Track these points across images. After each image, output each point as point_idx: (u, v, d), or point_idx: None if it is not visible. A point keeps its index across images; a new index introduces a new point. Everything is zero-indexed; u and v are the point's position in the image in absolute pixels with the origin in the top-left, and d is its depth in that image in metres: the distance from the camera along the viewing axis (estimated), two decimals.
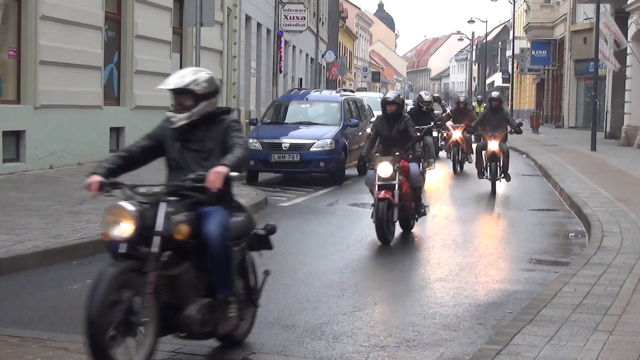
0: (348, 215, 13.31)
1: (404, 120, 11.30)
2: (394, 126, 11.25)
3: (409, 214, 11.32)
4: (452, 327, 6.78)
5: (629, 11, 29.35)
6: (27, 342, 5.95)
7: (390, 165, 10.71)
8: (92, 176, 5.71)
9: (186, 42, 23.76)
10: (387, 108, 11.38)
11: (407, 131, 11.18)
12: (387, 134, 11.32)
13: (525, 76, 64.37)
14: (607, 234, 10.65)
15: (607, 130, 34.80)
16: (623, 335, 6.12)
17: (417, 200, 11.46)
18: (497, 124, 16.51)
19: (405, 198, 10.87)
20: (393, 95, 11.55)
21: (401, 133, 11.20)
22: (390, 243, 10.75)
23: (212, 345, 6.08)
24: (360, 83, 78.94)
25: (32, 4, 16.16)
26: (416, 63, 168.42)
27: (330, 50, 54.78)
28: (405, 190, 10.86)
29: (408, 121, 11.34)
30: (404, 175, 10.95)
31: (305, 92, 22.15)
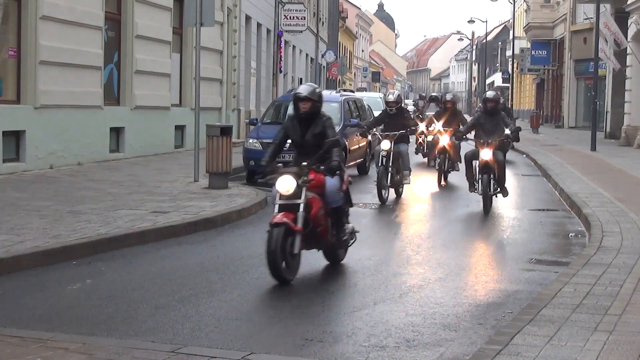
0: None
1: (321, 121, 8.92)
2: (308, 129, 8.94)
3: (326, 243, 8.97)
4: (452, 327, 6.78)
5: (629, 11, 29.35)
6: (27, 342, 5.94)
7: (293, 179, 8.47)
8: None
9: (186, 42, 23.78)
10: (299, 106, 8.96)
11: (324, 135, 8.84)
12: (299, 138, 9.03)
13: (525, 76, 64.36)
14: (607, 234, 10.65)
15: (607, 130, 34.81)
16: (623, 335, 6.12)
17: (338, 224, 9.05)
18: (493, 129, 14.12)
19: (317, 222, 8.59)
20: (306, 90, 8.99)
21: (317, 137, 8.86)
22: (390, 243, 10.73)
23: (212, 345, 6.08)
24: (360, 83, 78.98)
25: (32, 4, 16.17)
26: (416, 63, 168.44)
27: (330, 50, 54.79)
28: (316, 212, 8.56)
29: (327, 122, 8.94)
30: (317, 191, 8.68)
31: None
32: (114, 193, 13.55)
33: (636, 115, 29.78)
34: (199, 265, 9.09)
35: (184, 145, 23.42)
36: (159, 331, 6.45)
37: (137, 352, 5.79)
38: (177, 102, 23.75)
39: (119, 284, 8.09)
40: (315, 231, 8.63)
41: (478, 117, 14.84)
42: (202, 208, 12.30)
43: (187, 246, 10.27)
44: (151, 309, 7.11)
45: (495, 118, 14.32)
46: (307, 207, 8.45)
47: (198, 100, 15.96)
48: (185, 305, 7.23)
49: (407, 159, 15.53)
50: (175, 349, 5.84)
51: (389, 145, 14.97)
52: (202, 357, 5.69)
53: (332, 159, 8.69)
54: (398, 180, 15.29)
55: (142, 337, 6.26)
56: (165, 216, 11.36)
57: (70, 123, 17.52)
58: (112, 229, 10.19)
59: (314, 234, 8.65)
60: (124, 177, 15.99)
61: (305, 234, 8.43)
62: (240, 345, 6.14)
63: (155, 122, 21.61)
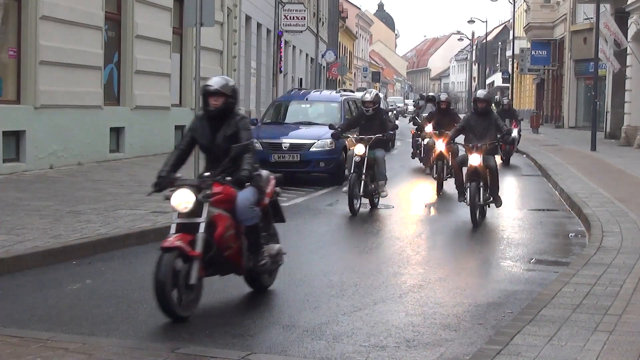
0: (348, 215, 13.29)
1: (234, 120, 7.41)
2: (219, 131, 7.40)
3: (240, 269, 7.49)
4: (452, 327, 6.78)
5: (629, 11, 29.35)
6: (27, 342, 5.94)
7: (190, 193, 6.96)
8: None
9: (186, 42, 23.78)
10: (209, 102, 7.41)
11: (237, 138, 7.35)
12: (208, 142, 7.49)
13: (525, 76, 64.34)
14: (607, 234, 10.65)
15: (607, 130, 34.81)
16: (623, 335, 6.12)
17: (254, 246, 7.50)
18: (484, 132, 12.88)
19: (223, 244, 7.08)
20: (217, 83, 7.43)
21: (230, 141, 7.36)
22: (390, 243, 10.73)
23: (212, 345, 6.09)
24: (360, 83, 78.98)
25: (32, 4, 16.16)
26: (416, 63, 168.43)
27: (330, 50, 54.79)
28: (221, 233, 7.05)
29: (241, 122, 7.41)
30: (225, 207, 7.14)
31: (305, 92, 22.15)
32: (114, 193, 13.55)
33: (636, 115, 29.77)
34: None
35: None
36: (159, 331, 6.44)
37: (137, 352, 5.79)
38: (177, 102, 23.75)
39: (119, 284, 8.09)
40: (221, 255, 7.14)
41: (468, 118, 13.33)
42: None
43: None
44: (151, 309, 7.10)
45: (487, 120, 13.01)
46: (211, 227, 6.98)
47: (198, 100, 15.93)
48: None
49: (384, 167, 13.98)
50: (175, 349, 5.84)
51: (363, 150, 13.45)
52: (202, 357, 5.69)
53: (242, 168, 7.21)
54: (372, 189, 13.86)
55: (142, 337, 6.26)
56: (165, 216, 11.35)
57: (70, 123, 17.51)
58: (112, 229, 10.19)
59: (221, 259, 7.18)
60: (124, 177, 15.99)
61: (210, 258, 7.02)
62: (240, 345, 6.14)
63: (155, 122, 21.60)
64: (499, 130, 12.96)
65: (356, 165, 13.41)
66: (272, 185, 7.87)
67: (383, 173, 13.92)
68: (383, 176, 13.92)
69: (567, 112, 48.36)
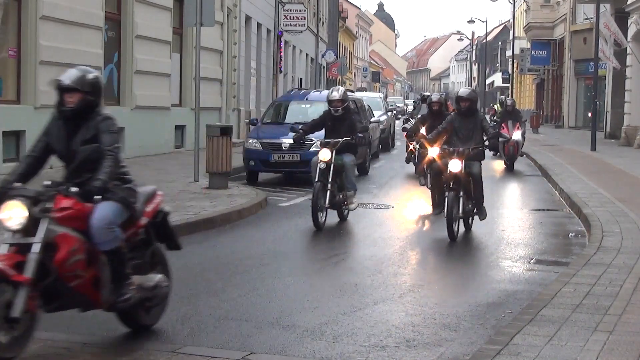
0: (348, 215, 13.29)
1: (95, 122, 6.05)
2: (76, 134, 6.09)
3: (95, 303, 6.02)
4: (452, 327, 6.78)
5: (629, 11, 29.36)
6: None
7: (22, 207, 5.63)
8: None
9: (186, 42, 23.78)
10: (64, 99, 6.07)
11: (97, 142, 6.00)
12: (63, 148, 6.26)
13: (525, 76, 64.35)
14: (607, 234, 10.65)
15: (607, 130, 34.81)
16: (623, 335, 6.12)
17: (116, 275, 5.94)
18: (469, 135, 11.51)
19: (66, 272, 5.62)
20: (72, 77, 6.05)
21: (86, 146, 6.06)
22: (390, 243, 10.72)
23: (212, 345, 6.09)
24: (360, 83, 78.99)
25: (32, 4, 16.17)
26: (416, 63, 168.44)
27: (330, 50, 54.79)
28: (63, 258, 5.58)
29: (103, 124, 6.03)
30: (75, 226, 5.75)
31: (305, 92, 22.14)
32: None
33: (636, 115, 29.78)
34: (199, 265, 9.08)
35: (184, 145, 23.42)
36: (159, 331, 6.44)
37: (137, 352, 5.79)
38: (177, 102, 23.75)
39: None
40: (65, 286, 5.69)
41: (451, 120, 11.80)
42: (202, 208, 12.30)
43: (187, 246, 10.23)
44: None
45: (472, 121, 11.60)
46: (51, 249, 5.56)
47: (198, 100, 15.97)
48: (185, 305, 7.23)
49: (353, 175, 12.55)
50: (175, 349, 5.84)
51: (328, 156, 11.92)
52: (202, 357, 5.69)
53: (97, 178, 5.83)
54: (340, 200, 12.28)
55: (142, 337, 6.26)
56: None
57: None
58: None
59: (65, 290, 5.74)
60: None
61: (49, 289, 5.64)
62: (240, 345, 6.15)
63: (155, 122, 21.60)
64: (485, 132, 11.63)
65: (321, 173, 11.93)
66: (155, 203, 6.44)
67: (352, 182, 12.41)
68: (352, 185, 12.39)
69: (567, 112, 48.37)
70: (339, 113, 12.36)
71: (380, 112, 29.06)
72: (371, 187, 17.25)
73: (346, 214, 12.59)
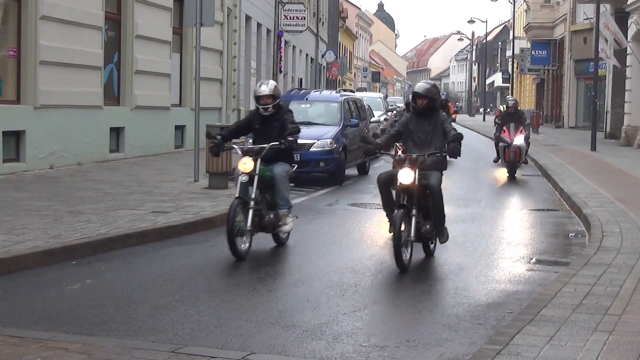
0: (348, 215, 13.30)
1: None
2: None
3: None
4: (452, 327, 6.78)
5: (629, 11, 29.37)
6: (27, 342, 5.94)
7: None
8: None
9: (186, 42, 23.78)
10: None
11: None
12: None
13: (525, 76, 64.37)
14: (607, 234, 10.65)
15: (607, 130, 34.82)
16: (623, 335, 6.12)
17: None
18: (427, 139, 9.48)
19: None
20: None
21: None
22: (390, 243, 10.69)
23: (212, 345, 6.09)
24: (360, 83, 78.99)
25: (32, 4, 16.17)
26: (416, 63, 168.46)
27: (330, 50, 54.81)
28: None
29: None
30: None
31: (305, 92, 22.14)
32: (114, 193, 13.55)
33: (636, 115, 29.79)
34: (199, 265, 9.08)
35: (184, 145, 23.42)
36: (159, 331, 6.44)
37: (137, 352, 5.79)
38: (177, 102, 23.76)
39: (119, 284, 8.09)
40: None
41: (406, 121, 9.73)
42: (202, 208, 12.30)
43: (187, 246, 10.26)
44: (151, 309, 7.11)
45: (431, 123, 9.53)
46: None
47: (198, 100, 15.97)
48: (185, 305, 7.23)
49: (286, 189, 10.08)
50: (175, 349, 5.84)
51: (251, 166, 9.62)
52: (202, 357, 5.69)
53: None
54: (271, 221, 9.92)
55: (142, 337, 6.26)
56: (165, 216, 11.36)
57: (70, 123, 17.51)
58: (112, 229, 10.19)
59: None
60: (124, 177, 15.99)
61: None
62: (240, 345, 6.14)
63: (155, 122, 21.60)
64: (445, 136, 9.46)
65: (243, 187, 9.58)
66: None
67: (285, 198, 10.03)
68: (285, 202, 10.04)
69: (567, 112, 48.38)
70: (269, 112, 10.01)
71: (380, 112, 29.09)
72: (371, 187, 17.25)
73: (285, 238, 10.37)
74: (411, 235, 9.02)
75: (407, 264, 8.92)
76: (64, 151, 17.35)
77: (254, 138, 10.23)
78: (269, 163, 9.90)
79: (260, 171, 9.71)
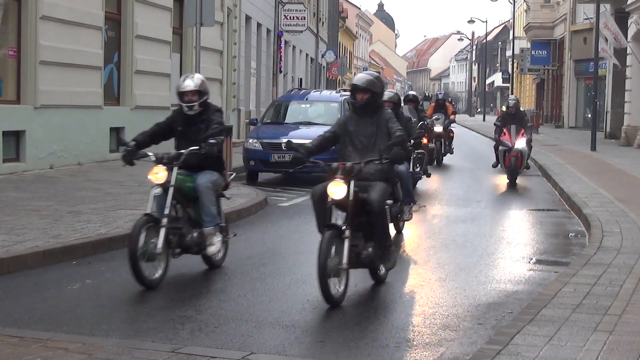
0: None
1: None
2: None
3: None
4: (452, 327, 6.78)
5: (629, 11, 29.36)
6: (27, 342, 5.94)
7: None
8: None
9: (186, 42, 23.78)
10: None
11: None
12: None
13: (525, 76, 64.38)
14: (607, 234, 10.65)
15: (607, 130, 34.82)
16: (623, 335, 6.12)
17: None
18: (369, 142, 7.93)
19: None
20: None
21: None
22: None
23: (212, 345, 6.09)
24: None
25: (32, 4, 16.16)
26: (416, 63, 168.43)
27: (330, 50, 54.80)
28: None
29: None
30: None
31: (305, 92, 22.16)
32: (114, 193, 13.55)
33: (636, 115, 29.79)
34: (199, 265, 9.08)
35: None
36: (159, 331, 6.44)
37: (137, 352, 5.79)
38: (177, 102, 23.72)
39: (119, 284, 8.09)
40: None
41: (344, 121, 8.13)
42: None
43: None
44: (151, 309, 7.11)
45: (373, 122, 7.99)
46: None
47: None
48: (185, 305, 7.23)
49: (212, 203, 8.40)
50: (175, 349, 5.83)
51: (163, 177, 8.15)
52: (202, 357, 5.68)
53: None
54: (194, 241, 8.36)
55: (142, 337, 6.26)
56: None
57: (70, 123, 17.51)
58: (112, 229, 10.18)
59: None
60: (124, 177, 15.98)
61: None
62: (240, 345, 6.14)
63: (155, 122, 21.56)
64: (390, 137, 7.87)
65: (158, 201, 8.14)
66: None
67: (212, 213, 8.37)
68: (212, 218, 8.37)
69: (567, 112, 48.38)
70: (195, 111, 8.62)
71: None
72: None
73: (219, 259, 8.82)
74: (343, 263, 7.33)
75: (338, 296, 7.26)
76: (64, 151, 17.35)
77: (176, 142, 8.74)
78: (194, 171, 8.39)
79: (179, 182, 8.20)
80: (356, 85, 8.01)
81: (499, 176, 19.65)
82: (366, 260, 7.79)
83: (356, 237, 7.62)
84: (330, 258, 7.13)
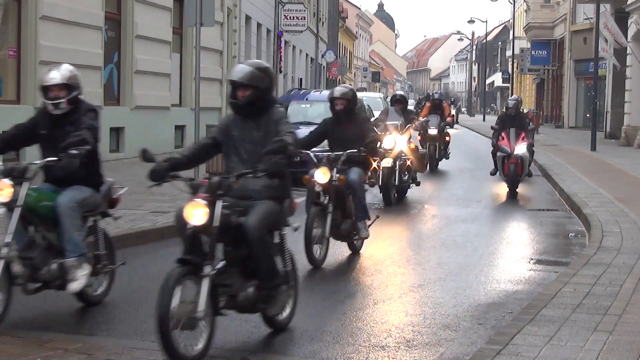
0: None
1: None
2: None
3: None
4: (452, 327, 6.78)
5: (629, 11, 29.36)
6: (27, 342, 5.94)
7: None
8: None
9: (186, 42, 23.78)
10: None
11: None
12: None
13: (525, 76, 64.35)
14: (607, 234, 10.65)
15: (607, 130, 34.80)
16: (623, 335, 6.12)
17: None
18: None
19: None
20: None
21: None
22: (390, 243, 10.72)
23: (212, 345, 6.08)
24: (360, 83, 78.95)
25: (32, 4, 16.17)
26: (416, 63, 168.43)
27: (330, 50, 54.78)
28: None
29: None
30: None
31: (305, 92, 22.16)
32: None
33: (636, 115, 29.78)
34: None
35: (184, 145, 23.38)
36: None
37: (137, 352, 5.80)
38: (177, 102, 23.75)
39: (119, 284, 8.08)
40: None
41: (226, 124, 6.90)
42: None
43: None
44: (151, 309, 7.08)
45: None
46: None
47: (198, 100, 15.96)
48: None
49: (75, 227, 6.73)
50: None
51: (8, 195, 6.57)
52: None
53: None
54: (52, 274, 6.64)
55: (142, 337, 6.26)
56: (165, 216, 11.35)
57: None
58: (112, 229, 10.17)
59: None
60: (124, 177, 15.97)
61: None
62: (240, 345, 6.14)
63: (155, 122, 21.59)
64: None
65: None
66: None
67: (74, 241, 6.65)
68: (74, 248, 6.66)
69: (567, 112, 48.37)
70: (62, 110, 6.94)
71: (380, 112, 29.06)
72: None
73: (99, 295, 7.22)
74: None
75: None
76: None
77: (40, 149, 7.07)
78: (62, 186, 6.80)
79: (33, 200, 6.57)
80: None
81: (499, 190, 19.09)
82: (244, 304, 6.01)
83: (231, 274, 5.93)
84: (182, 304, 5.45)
